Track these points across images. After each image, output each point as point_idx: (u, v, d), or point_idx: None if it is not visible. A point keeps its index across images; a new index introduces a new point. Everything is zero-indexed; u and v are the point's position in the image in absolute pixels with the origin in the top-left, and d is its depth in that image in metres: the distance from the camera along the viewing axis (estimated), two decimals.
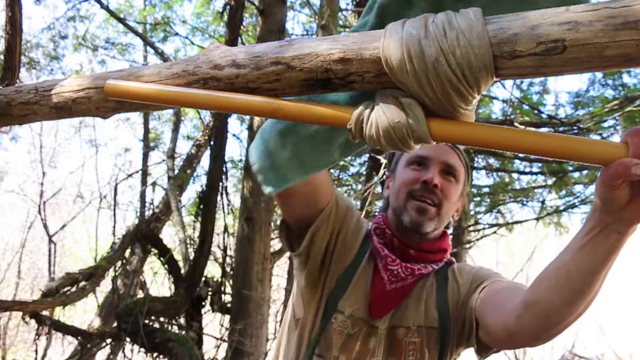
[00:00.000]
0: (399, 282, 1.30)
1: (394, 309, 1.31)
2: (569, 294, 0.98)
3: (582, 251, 0.91)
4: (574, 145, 0.74)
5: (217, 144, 5.18)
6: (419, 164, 1.35)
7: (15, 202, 11.65)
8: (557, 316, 1.03)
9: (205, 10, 7.22)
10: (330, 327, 1.29)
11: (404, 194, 1.33)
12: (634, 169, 0.71)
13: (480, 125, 0.79)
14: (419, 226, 1.30)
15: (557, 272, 1.00)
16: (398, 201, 1.35)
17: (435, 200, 1.31)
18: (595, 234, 0.87)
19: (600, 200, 0.81)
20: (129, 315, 4.35)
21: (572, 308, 1.00)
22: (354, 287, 1.32)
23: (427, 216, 1.30)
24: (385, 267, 1.31)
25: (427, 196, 1.31)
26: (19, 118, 1.02)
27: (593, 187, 5.19)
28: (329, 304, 1.31)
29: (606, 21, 0.66)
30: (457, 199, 1.38)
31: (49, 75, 6.71)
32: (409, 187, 1.33)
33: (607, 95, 5.17)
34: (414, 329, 1.30)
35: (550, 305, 1.02)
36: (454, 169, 1.35)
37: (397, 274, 1.29)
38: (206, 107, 0.87)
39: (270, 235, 5.02)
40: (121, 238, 5.23)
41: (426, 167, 1.34)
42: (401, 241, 1.33)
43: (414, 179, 1.33)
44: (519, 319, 1.09)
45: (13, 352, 9.40)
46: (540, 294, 1.04)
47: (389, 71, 0.76)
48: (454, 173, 1.35)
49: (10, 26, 1.19)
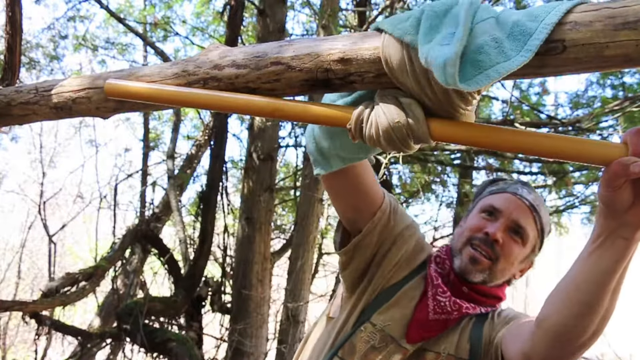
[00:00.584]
0: (443, 314, 1.28)
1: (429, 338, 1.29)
2: (578, 307, 0.94)
3: (589, 261, 0.89)
4: (574, 146, 0.74)
5: (217, 144, 5.18)
6: (490, 213, 1.32)
7: (15, 202, 11.65)
8: (568, 332, 0.99)
9: (205, 10, 7.22)
10: (358, 334, 1.29)
11: (465, 238, 1.32)
12: (632, 167, 0.71)
13: (480, 125, 0.79)
14: (466, 274, 1.29)
15: (565, 286, 0.97)
16: (458, 243, 1.33)
17: (491, 254, 1.28)
18: (602, 241, 0.85)
19: (603, 203, 0.80)
20: (129, 315, 4.35)
21: (583, 323, 0.96)
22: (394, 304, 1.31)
23: (477, 267, 1.28)
24: (434, 296, 1.29)
25: (484, 248, 1.28)
26: (19, 118, 1.02)
27: (593, 187, 5.20)
28: (364, 313, 1.31)
29: (606, 21, 0.66)
30: (519, 262, 1.33)
31: (49, 75, 6.71)
32: (471, 234, 1.31)
33: (607, 95, 5.17)
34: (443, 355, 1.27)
35: (559, 320, 0.98)
36: (523, 231, 1.30)
37: (443, 305, 1.27)
38: (206, 107, 0.87)
39: (270, 235, 5.02)
40: (121, 238, 5.22)
41: (495, 219, 1.31)
42: (457, 277, 1.31)
43: (478, 227, 1.31)
44: (532, 340, 1.06)
45: (13, 352, 9.40)
46: (549, 309, 1.01)
47: (389, 71, 0.76)
48: (521, 234, 1.30)
49: (10, 26, 1.19)
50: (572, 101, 5.53)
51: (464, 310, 1.28)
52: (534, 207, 1.32)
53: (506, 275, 1.33)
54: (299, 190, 5.89)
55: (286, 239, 6.39)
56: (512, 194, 1.33)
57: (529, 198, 1.32)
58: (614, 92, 5.18)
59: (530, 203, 1.31)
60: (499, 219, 1.30)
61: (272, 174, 4.95)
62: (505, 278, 1.33)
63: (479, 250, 1.29)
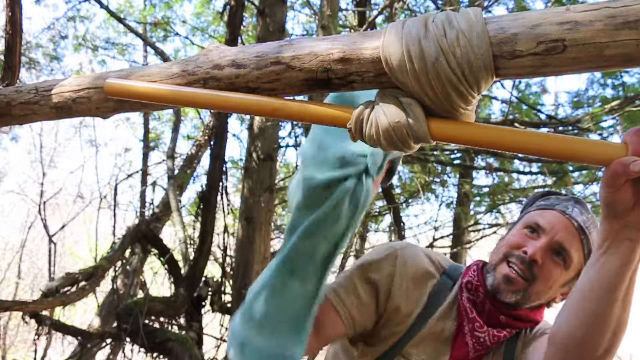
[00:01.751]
0: (483, 350, 1.22)
1: None
2: (586, 317, 0.90)
3: (595, 267, 0.86)
4: (574, 146, 0.74)
5: (217, 144, 5.18)
6: (533, 230, 1.23)
7: (15, 202, 11.65)
8: (578, 346, 0.94)
9: (205, 10, 7.22)
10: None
11: (502, 254, 1.24)
12: (632, 166, 0.71)
13: (480, 125, 0.79)
14: (497, 293, 1.21)
15: (573, 297, 0.93)
16: (494, 259, 1.26)
17: (527, 274, 1.19)
18: (607, 246, 0.83)
19: (605, 205, 0.79)
20: (129, 315, 4.35)
21: (594, 335, 0.91)
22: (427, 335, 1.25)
23: (511, 287, 1.20)
24: (471, 332, 1.22)
25: (520, 267, 1.19)
26: (19, 118, 1.02)
27: (593, 187, 5.20)
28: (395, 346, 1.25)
29: (606, 21, 0.66)
30: (559, 285, 1.23)
31: (49, 75, 6.71)
32: (508, 250, 1.23)
33: (606, 95, 5.17)
34: None
35: (569, 333, 0.94)
36: (567, 254, 1.20)
37: (483, 342, 1.21)
38: (206, 106, 0.87)
39: (270, 235, 5.02)
40: (121, 238, 5.22)
41: (537, 238, 1.21)
42: (494, 305, 1.23)
43: (517, 244, 1.22)
44: (545, 356, 1.02)
45: (13, 352, 9.39)
46: (559, 322, 0.97)
47: (389, 71, 0.76)
48: (565, 257, 1.20)
49: (10, 26, 1.19)
50: (572, 101, 5.53)
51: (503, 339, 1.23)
52: (583, 229, 1.21)
53: (542, 298, 1.24)
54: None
55: None
56: (560, 213, 1.23)
57: (579, 219, 1.22)
58: (614, 92, 5.18)
59: (579, 225, 1.21)
60: (541, 238, 1.21)
61: (272, 174, 4.95)
62: (541, 301, 1.25)
63: (514, 269, 1.20)
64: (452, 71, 0.72)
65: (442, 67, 0.72)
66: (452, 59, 0.72)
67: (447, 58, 0.72)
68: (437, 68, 0.72)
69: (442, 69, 0.72)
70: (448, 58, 0.72)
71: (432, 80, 0.73)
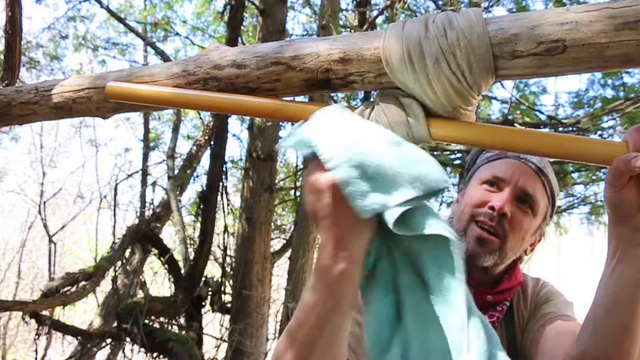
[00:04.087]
0: None
1: None
2: (615, 333, 0.85)
3: (612, 278, 0.82)
4: (574, 145, 0.74)
5: (217, 144, 5.18)
6: (493, 184, 1.15)
7: (15, 202, 11.65)
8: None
9: (205, 10, 7.23)
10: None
11: (467, 215, 1.15)
12: (633, 162, 0.70)
13: (480, 125, 0.78)
14: (475, 260, 1.13)
15: (595, 312, 0.88)
16: (460, 223, 1.17)
17: (499, 231, 1.12)
18: (620, 255, 0.80)
19: (610, 208, 0.77)
20: (129, 315, 4.35)
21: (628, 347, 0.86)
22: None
23: (486, 248, 1.12)
24: None
25: (491, 225, 1.12)
26: (19, 118, 1.02)
27: (593, 188, 5.19)
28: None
29: (606, 21, 0.66)
30: (530, 235, 1.17)
31: (49, 75, 6.70)
32: (474, 210, 1.14)
33: (607, 95, 5.17)
34: None
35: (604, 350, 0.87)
36: (533, 200, 1.14)
37: None
38: (207, 108, 0.87)
39: (270, 235, 5.03)
40: (121, 238, 5.22)
41: (499, 190, 1.14)
42: (476, 289, 1.15)
43: (481, 201, 1.14)
44: None
45: (13, 352, 9.39)
46: (584, 342, 0.90)
47: (389, 71, 0.76)
48: (531, 203, 1.14)
49: (10, 26, 1.19)
50: (572, 101, 5.53)
51: (497, 321, 1.17)
52: (541, 170, 1.15)
53: (517, 252, 1.17)
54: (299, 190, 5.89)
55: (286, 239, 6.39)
56: (515, 159, 1.16)
57: (535, 161, 1.15)
58: (614, 92, 5.18)
59: (537, 166, 1.15)
60: (504, 189, 1.13)
61: (272, 174, 4.95)
62: (516, 256, 1.18)
63: (485, 228, 1.12)
64: (452, 72, 0.72)
65: (442, 67, 0.72)
66: (453, 60, 0.72)
67: (447, 59, 0.72)
68: (438, 68, 0.72)
69: (442, 69, 0.72)
70: (448, 59, 0.72)
71: (432, 81, 0.73)
